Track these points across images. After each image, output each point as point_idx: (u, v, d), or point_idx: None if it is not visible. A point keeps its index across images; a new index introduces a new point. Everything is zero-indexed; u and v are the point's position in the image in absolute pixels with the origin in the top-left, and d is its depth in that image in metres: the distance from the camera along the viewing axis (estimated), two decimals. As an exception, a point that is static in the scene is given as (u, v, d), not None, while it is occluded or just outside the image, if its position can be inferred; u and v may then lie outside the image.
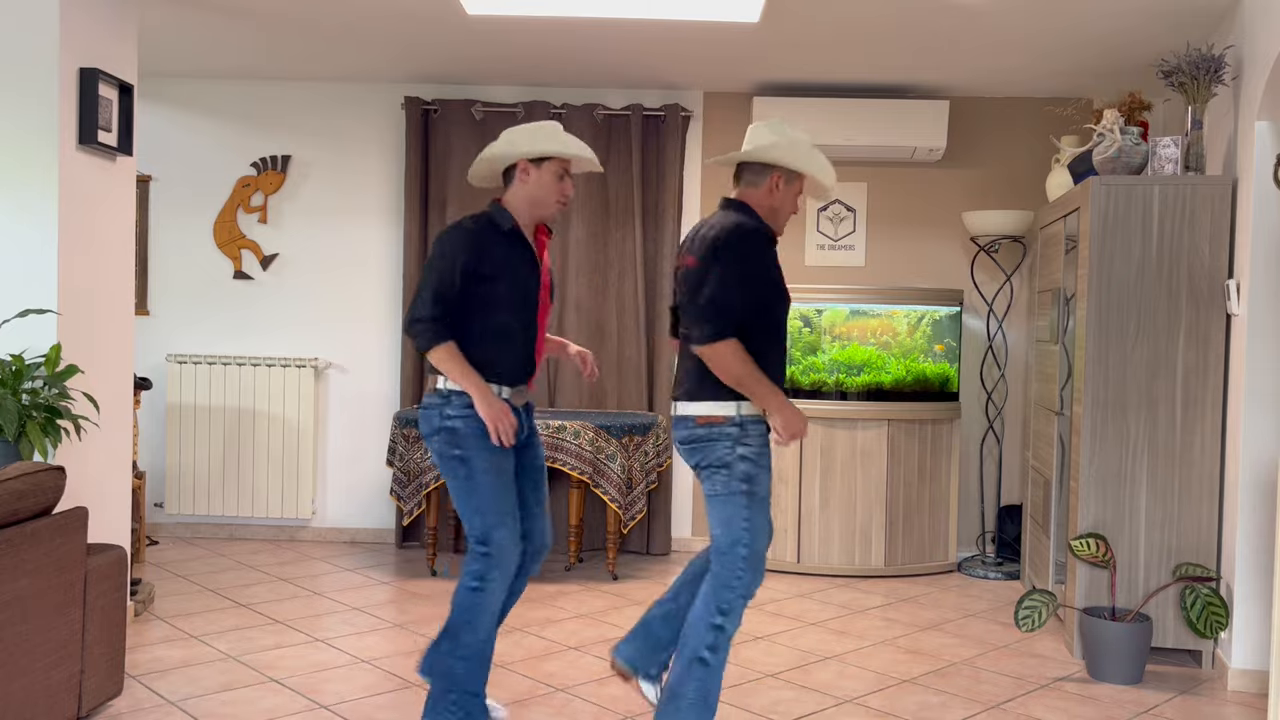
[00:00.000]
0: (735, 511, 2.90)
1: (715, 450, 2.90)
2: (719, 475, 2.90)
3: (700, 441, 2.92)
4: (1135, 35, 4.46)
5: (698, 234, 3.00)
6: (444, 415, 3.03)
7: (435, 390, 3.06)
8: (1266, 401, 3.76)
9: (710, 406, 2.91)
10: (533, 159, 3.07)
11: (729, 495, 2.90)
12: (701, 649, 2.89)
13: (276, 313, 5.81)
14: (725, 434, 2.90)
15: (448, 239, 3.01)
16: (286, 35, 4.85)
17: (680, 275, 3.01)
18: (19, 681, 2.76)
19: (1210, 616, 3.80)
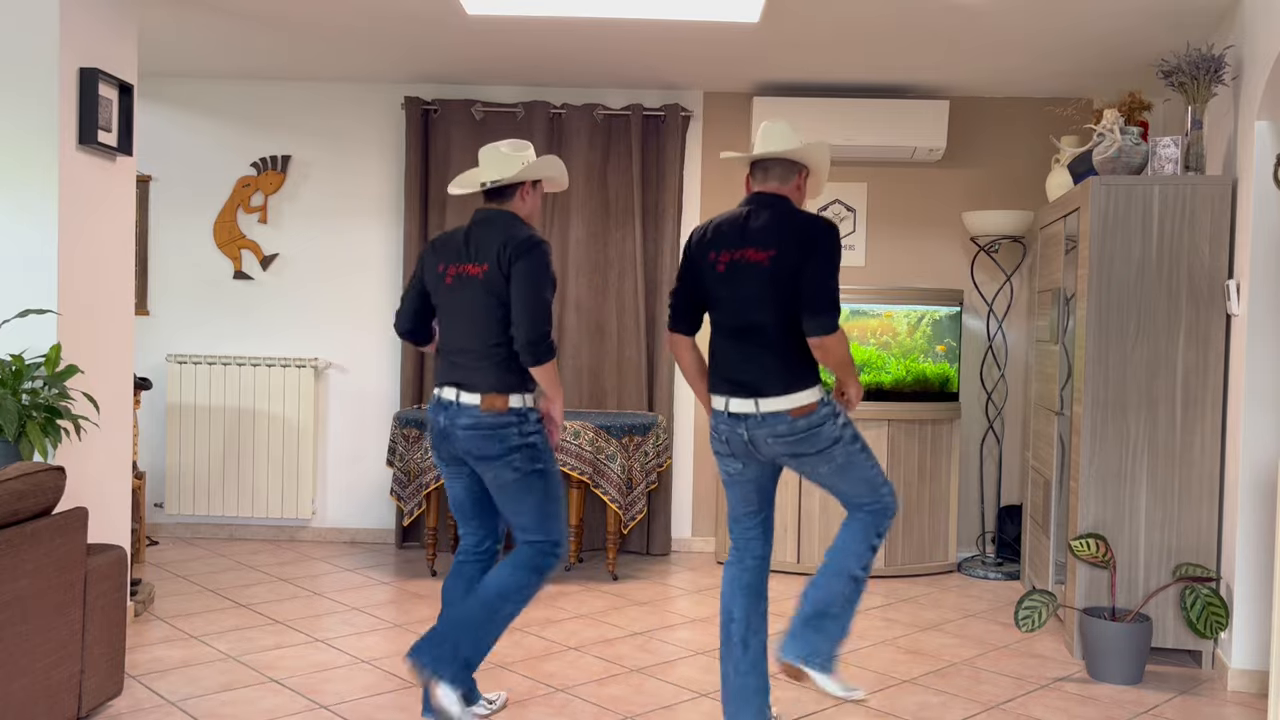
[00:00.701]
0: (863, 469, 3.01)
1: (823, 434, 2.96)
2: (835, 450, 2.97)
3: (803, 432, 2.95)
4: (1135, 35, 4.47)
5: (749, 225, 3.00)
6: (523, 433, 3.11)
7: (511, 409, 3.10)
8: (1266, 401, 3.76)
9: (805, 396, 2.96)
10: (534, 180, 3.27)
11: (851, 459, 2.99)
12: (856, 568, 3.01)
13: (276, 313, 5.81)
14: (822, 416, 2.96)
15: (545, 256, 3.12)
16: (286, 35, 4.85)
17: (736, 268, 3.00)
18: (19, 681, 2.76)
19: (1210, 616, 3.80)
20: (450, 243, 3.23)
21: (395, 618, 4.43)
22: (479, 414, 3.09)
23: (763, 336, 2.97)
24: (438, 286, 3.23)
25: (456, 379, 3.16)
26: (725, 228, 3.06)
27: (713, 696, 3.60)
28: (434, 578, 5.09)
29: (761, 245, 2.96)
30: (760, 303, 2.96)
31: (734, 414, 3.01)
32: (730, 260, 3.01)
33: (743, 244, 2.99)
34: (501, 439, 3.09)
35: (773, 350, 2.96)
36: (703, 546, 5.78)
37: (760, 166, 3.11)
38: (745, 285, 2.98)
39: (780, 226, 2.96)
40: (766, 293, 2.95)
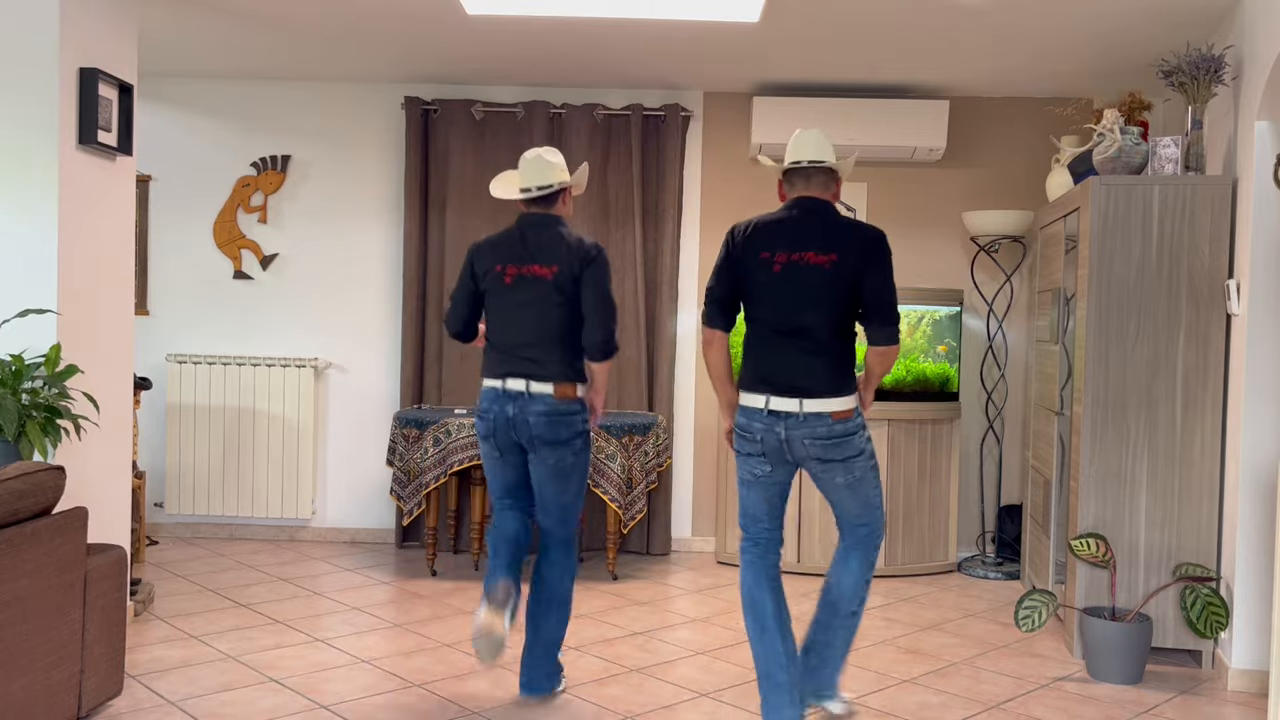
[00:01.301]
0: (873, 489, 3.16)
1: (854, 442, 3.08)
2: (858, 461, 3.09)
3: (839, 437, 3.05)
4: (1135, 35, 4.46)
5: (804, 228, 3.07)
6: (584, 421, 3.46)
7: (578, 398, 3.43)
8: (1266, 402, 3.76)
9: (847, 401, 3.06)
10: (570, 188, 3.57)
11: (866, 476, 3.13)
12: (855, 604, 3.18)
13: (276, 313, 5.81)
14: (856, 425, 3.08)
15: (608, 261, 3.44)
16: (286, 35, 4.85)
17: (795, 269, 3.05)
18: (19, 681, 2.76)
19: (1210, 616, 3.80)
20: (504, 244, 3.47)
21: (395, 618, 4.43)
22: (554, 401, 3.38)
23: (814, 338, 3.04)
24: (495, 286, 3.45)
25: (524, 371, 3.40)
26: (777, 228, 3.11)
27: (713, 696, 3.61)
28: (434, 578, 5.09)
29: (823, 249, 3.03)
30: (816, 305, 3.03)
31: (774, 412, 3.06)
32: (788, 261, 3.06)
33: (802, 246, 3.06)
34: (569, 424, 3.41)
35: (823, 353, 3.05)
36: (703, 546, 5.78)
37: (801, 173, 3.17)
38: (802, 286, 3.04)
39: (841, 232, 3.06)
40: (824, 296, 3.03)
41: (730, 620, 4.53)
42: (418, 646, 4.05)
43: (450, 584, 4.99)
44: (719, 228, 5.75)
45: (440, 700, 3.50)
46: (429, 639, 4.15)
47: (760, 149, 5.48)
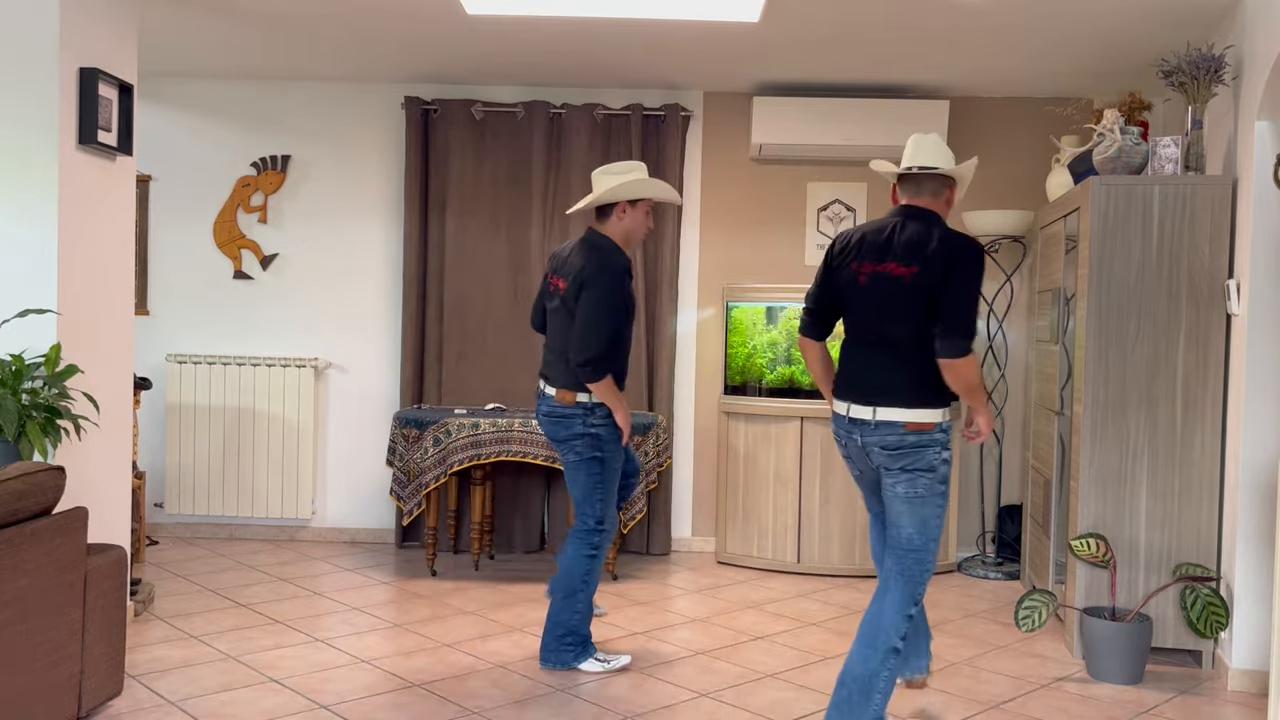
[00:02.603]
0: (933, 512, 3.08)
1: (925, 456, 3.04)
2: (924, 478, 3.05)
3: (910, 448, 3.04)
4: (1135, 35, 4.46)
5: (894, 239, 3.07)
6: (587, 424, 3.69)
7: (578, 403, 3.68)
8: (1266, 402, 3.76)
9: (925, 414, 3.03)
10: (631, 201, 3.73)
11: (931, 497, 3.06)
12: (895, 639, 3.06)
13: (276, 313, 5.81)
14: (934, 440, 3.04)
15: (613, 281, 3.61)
16: (286, 35, 4.85)
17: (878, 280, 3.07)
18: (19, 681, 2.76)
19: (1210, 616, 3.80)
20: (557, 256, 3.85)
21: (395, 618, 4.43)
22: (554, 404, 3.73)
23: (894, 349, 3.06)
24: (545, 291, 3.88)
25: (544, 372, 3.81)
26: (870, 239, 3.14)
27: (713, 696, 3.61)
28: (434, 578, 5.09)
29: (904, 261, 3.04)
30: (895, 317, 3.05)
31: (852, 419, 3.12)
32: (873, 273, 3.10)
33: (886, 258, 3.07)
34: (567, 426, 3.71)
35: (902, 364, 3.05)
36: (703, 546, 5.78)
37: (912, 180, 3.16)
38: (884, 298, 3.06)
39: (926, 243, 3.03)
40: (903, 308, 3.04)
41: (730, 620, 4.53)
42: (418, 646, 4.05)
43: (450, 584, 4.99)
44: (719, 228, 5.75)
45: (440, 700, 3.50)
46: (429, 639, 4.15)
47: (760, 149, 5.48)
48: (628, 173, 3.73)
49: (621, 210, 3.73)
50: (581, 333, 3.60)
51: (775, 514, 5.35)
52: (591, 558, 3.78)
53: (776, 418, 5.33)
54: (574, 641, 3.80)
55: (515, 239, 5.67)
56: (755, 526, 5.41)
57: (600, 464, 3.74)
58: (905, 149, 3.22)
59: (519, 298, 5.67)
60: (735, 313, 5.49)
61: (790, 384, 5.37)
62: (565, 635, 3.79)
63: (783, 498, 5.33)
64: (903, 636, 3.07)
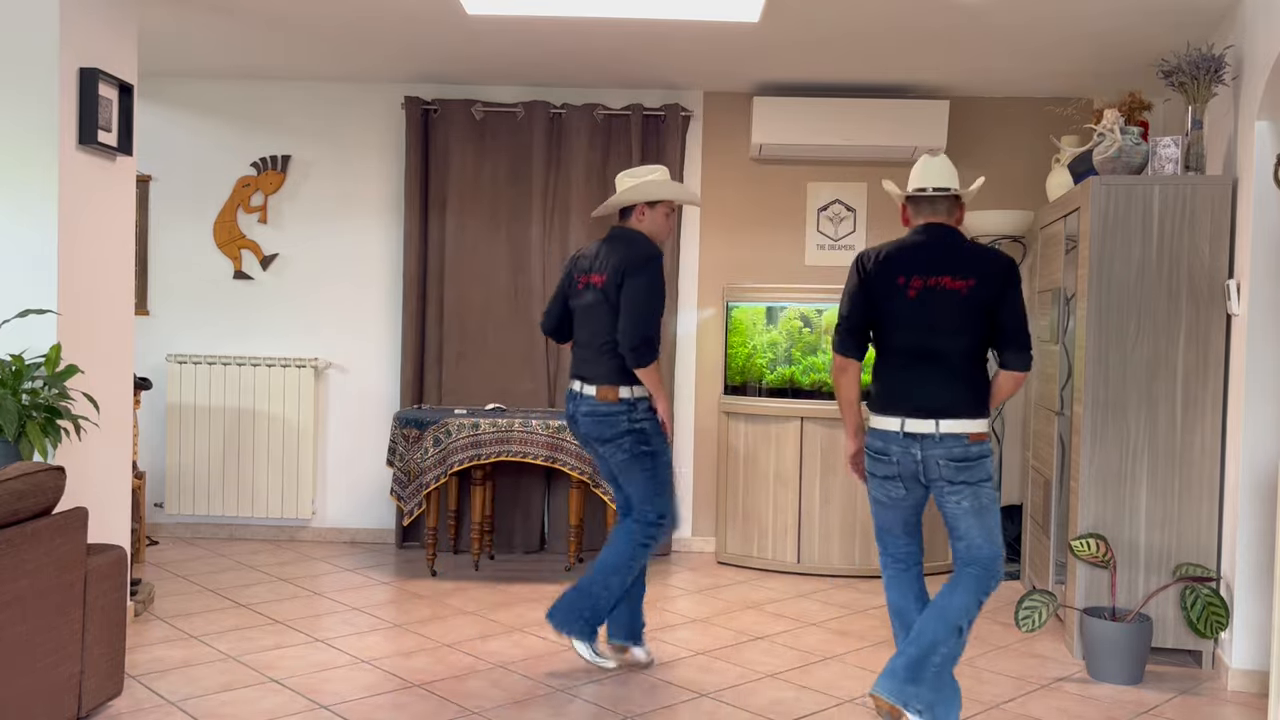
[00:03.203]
0: (997, 520, 3.17)
1: (985, 465, 3.14)
2: (985, 487, 3.14)
3: (974, 460, 3.11)
4: (1135, 35, 4.46)
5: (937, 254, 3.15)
6: (632, 419, 3.68)
7: (621, 399, 3.68)
8: (1266, 402, 3.76)
9: (980, 424, 3.13)
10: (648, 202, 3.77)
11: (992, 505, 3.15)
12: (963, 619, 3.11)
13: (276, 313, 5.81)
14: (988, 449, 3.15)
15: (655, 269, 3.64)
16: (286, 35, 4.85)
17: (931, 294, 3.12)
18: (19, 681, 2.76)
19: (1210, 616, 3.79)
20: (586, 255, 3.84)
21: (395, 618, 4.43)
22: (595, 403, 3.70)
23: (949, 362, 3.11)
24: (572, 292, 3.84)
25: (581, 373, 3.76)
26: (911, 253, 3.18)
27: (713, 696, 3.61)
28: (434, 577, 5.09)
29: (959, 274, 3.10)
30: (953, 329, 3.10)
31: (910, 434, 3.12)
32: (924, 286, 3.14)
33: (938, 271, 3.13)
34: (612, 424, 3.69)
35: (958, 375, 3.12)
36: (703, 546, 5.78)
37: (926, 200, 3.24)
38: (939, 312, 3.11)
39: (975, 257, 3.13)
40: (960, 320, 3.10)
41: (730, 620, 4.53)
42: (418, 646, 4.05)
43: (450, 584, 4.99)
44: (719, 228, 5.75)
45: (440, 700, 3.50)
46: (429, 639, 4.15)
47: (760, 149, 5.48)
48: (647, 175, 3.78)
49: (640, 212, 3.78)
50: (633, 317, 3.61)
51: (775, 514, 5.35)
52: (644, 546, 3.76)
53: (776, 418, 5.33)
54: (589, 619, 3.76)
55: (515, 239, 5.67)
56: (755, 526, 5.41)
57: (651, 458, 3.73)
58: (914, 170, 3.30)
59: (519, 298, 5.67)
60: (735, 313, 5.49)
61: (790, 384, 5.37)
62: (585, 609, 3.74)
63: (783, 498, 5.33)
64: (970, 619, 3.12)
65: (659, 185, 3.78)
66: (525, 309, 5.65)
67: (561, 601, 3.78)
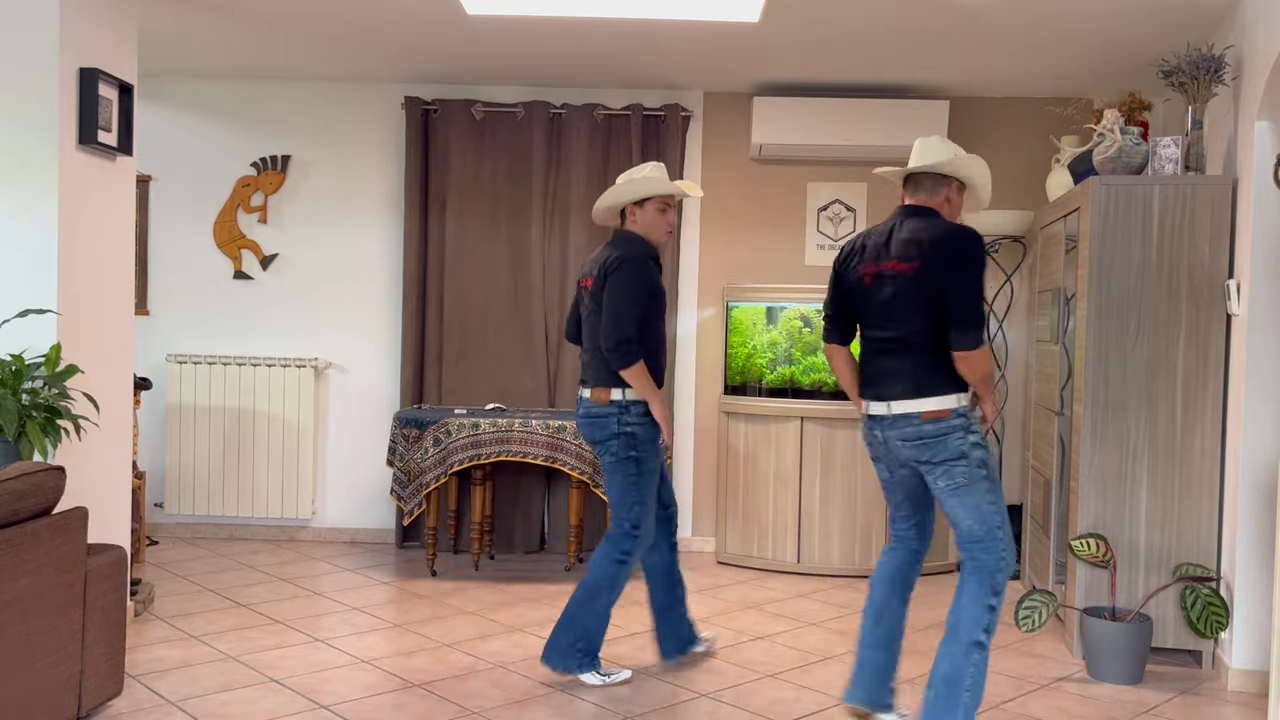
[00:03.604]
0: (984, 499, 3.06)
1: (949, 444, 3.03)
2: (959, 467, 3.04)
3: (930, 438, 3.04)
4: (1135, 35, 4.46)
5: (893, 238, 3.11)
6: (622, 422, 3.62)
7: (611, 401, 3.63)
8: (1266, 401, 3.76)
9: (937, 401, 3.04)
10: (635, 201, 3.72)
11: (973, 484, 3.04)
12: (978, 632, 3.02)
13: (276, 313, 5.81)
14: (953, 426, 3.03)
15: (631, 268, 3.58)
16: (287, 35, 4.85)
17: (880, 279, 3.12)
18: (19, 681, 2.76)
19: (1210, 616, 3.79)
20: (587, 260, 3.81)
21: (395, 618, 4.43)
22: (589, 405, 3.68)
23: (902, 344, 3.08)
24: (578, 299, 3.84)
25: (584, 376, 3.76)
26: (871, 241, 3.21)
27: (713, 696, 3.61)
28: (434, 578, 5.09)
29: (904, 257, 3.08)
30: (901, 312, 3.08)
31: (872, 416, 3.17)
32: (874, 273, 3.14)
33: (886, 256, 3.12)
34: (603, 426, 3.64)
35: (911, 357, 3.07)
36: (702, 546, 5.78)
37: (911, 180, 3.22)
38: (888, 296, 3.10)
39: (922, 238, 3.06)
40: (907, 303, 3.07)
41: (730, 620, 4.53)
42: (418, 646, 4.05)
43: (450, 584, 4.99)
44: (719, 228, 5.75)
45: (440, 700, 3.50)
46: (429, 639, 4.15)
47: (760, 149, 5.48)
48: (637, 174, 3.73)
49: (631, 213, 3.74)
50: (610, 317, 3.56)
51: (775, 514, 5.35)
52: (620, 563, 3.66)
53: (776, 418, 5.33)
54: (585, 649, 3.66)
55: (515, 239, 5.67)
56: (755, 526, 5.41)
57: (636, 464, 3.63)
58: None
59: (519, 298, 5.67)
60: (735, 313, 5.49)
61: (790, 384, 5.37)
62: (578, 640, 3.65)
63: (783, 498, 5.33)
64: (986, 629, 3.03)
65: (635, 184, 3.70)
66: (525, 309, 5.65)
67: (552, 642, 3.67)
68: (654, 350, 3.68)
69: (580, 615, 3.65)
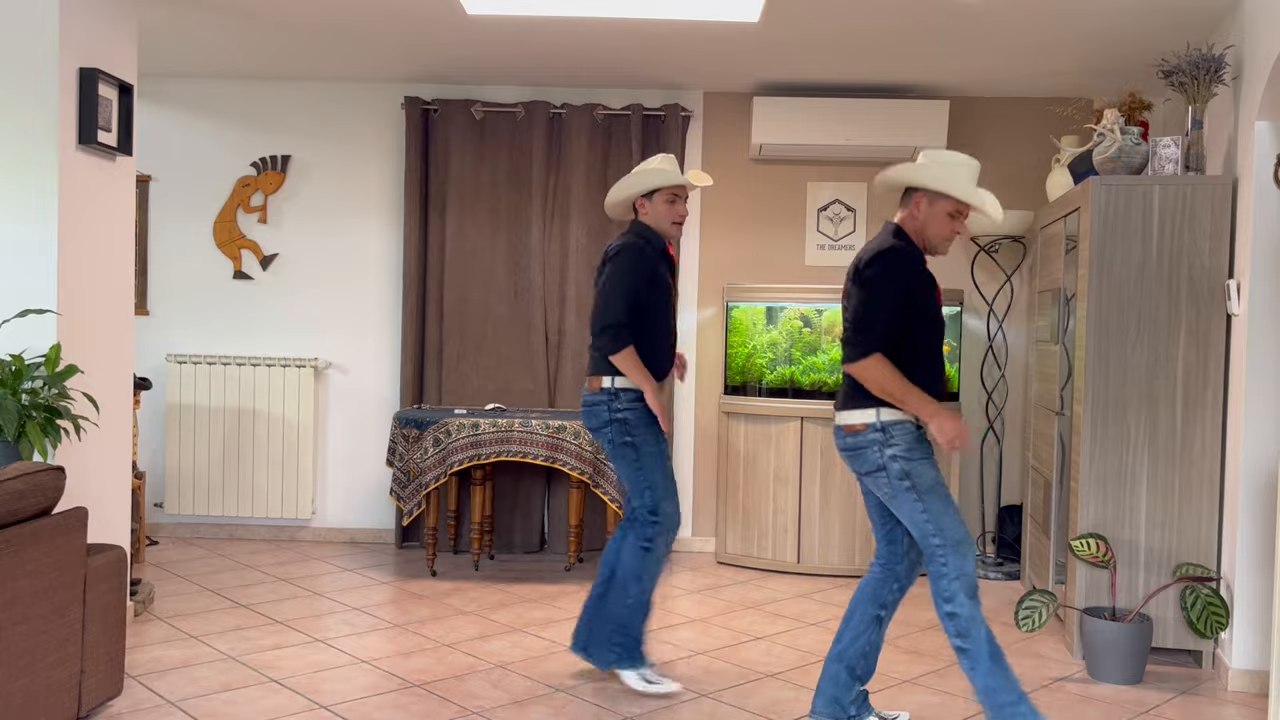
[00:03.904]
0: (911, 507, 3.05)
1: (867, 457, 3.08)
2: (881, 478, 3.08)
3: (852, 450, 3.12)
4: (1135, 35, 4.47)
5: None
6: (613, 409, 3.59)
7: (602, 389, 3.61)
8: (1266, 401, 3.76)
9: (854, 415, 3.10)
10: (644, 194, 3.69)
11: (899, 495, 3.06)
12: (952, 638, 3.08)
13: (276, 313, 5.81)
14: (870, 440, 3.07)
15: (622, 256, 3.57)
16: (287, 35, 4.85)
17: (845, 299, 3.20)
18: (19, 681, 2.76)
19: (1210, 616, 3.79)
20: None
21: (395, 618, 4.43)
22: (586, 393, 3.68)
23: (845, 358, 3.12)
24: None
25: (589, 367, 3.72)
26: None
27: (713, 696, 3.61)
28: (434, 578, 5.09)
29: (851, 277, 3.16)
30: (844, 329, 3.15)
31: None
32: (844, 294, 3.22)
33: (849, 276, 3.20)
34: (596, 414, 3.63)
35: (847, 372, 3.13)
36: (703, 546, 5.78)
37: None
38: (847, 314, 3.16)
39: (860, 256, 3.14)
40: (846, 319, 3.15)
41: (730, 620, 4.53)
42: (418, 646, 4.05)
43: (450, 584, 4.99)
44: (719, 228, 5.75)
45: (440, 700, 3.50)
46: (429, 639, 4.15)
47: (760, 149, 5.48)
48: (644, 167, 3.72)
49: (641, 205, 3.72)
50: (599, 302, 3.58)
51: (775, 514, 5.35)
52: (646, 550, 3.59)
53: (776, 418, 5.33)
54: (622, 640, 3.59)
55: (515, 239, 5.67)
56: (755, 527, 5.41)
57: (634, 449, 3.59)
58: None
59: (519, 298, 5.67)
60: (735, 313, 5.49)
61: (790, 384, 5.37)
62: (615, 631, 3.58)
63: (782, 498, 5.33)
64: (958, 634, 3.04)
65: (642, 176, 3.67)
66: (525, 309, 5.65)
67: (592, 634, 3.65)
68: (656, 339, 3.64)
69: (614, 608, 3.60)
